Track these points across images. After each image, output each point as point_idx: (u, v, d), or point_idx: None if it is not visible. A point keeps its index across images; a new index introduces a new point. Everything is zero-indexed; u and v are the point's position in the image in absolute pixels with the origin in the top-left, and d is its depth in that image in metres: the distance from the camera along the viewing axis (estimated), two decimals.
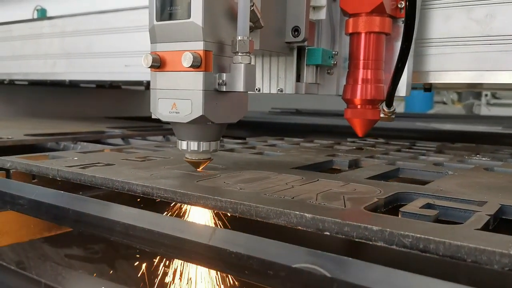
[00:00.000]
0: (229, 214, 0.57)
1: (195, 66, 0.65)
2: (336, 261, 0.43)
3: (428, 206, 0.57)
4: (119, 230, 0.59)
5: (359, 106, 0.96)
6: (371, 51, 0.93)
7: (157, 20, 0.68)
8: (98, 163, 0.83)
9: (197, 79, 0.66)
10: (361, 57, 0.93)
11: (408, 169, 0.88)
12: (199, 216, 0.76)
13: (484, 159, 1.02)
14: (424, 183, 0.77)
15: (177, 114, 0.69)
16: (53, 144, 1.24)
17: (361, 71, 0.94)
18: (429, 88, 1.25)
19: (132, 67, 1.57)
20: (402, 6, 0.93)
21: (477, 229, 0.47)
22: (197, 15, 0.64)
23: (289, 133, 1.64)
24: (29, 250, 1.40)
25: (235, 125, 0.77)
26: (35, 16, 2.06)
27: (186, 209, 0.77)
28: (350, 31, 0.94)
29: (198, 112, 0.67)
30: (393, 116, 0.97)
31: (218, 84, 0.68)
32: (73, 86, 2.46)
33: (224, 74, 0.68)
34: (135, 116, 2.56)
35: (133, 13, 1.56)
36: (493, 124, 2.52)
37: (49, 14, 2.05)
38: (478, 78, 0.96)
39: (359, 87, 0.94)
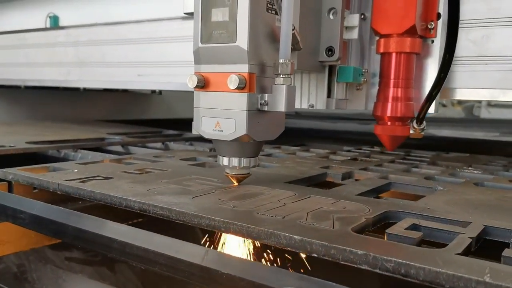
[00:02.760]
0: None
1: (240, 87, 0.69)
2: (322, 286, 0.46)
3: (414, 227, 0.59)
4: (116, 247, 0.61)
5: (389, 123, 0.99)
6: (401, 70, 0.96)
7: (202, 43, 0.72)
8: (98, 176, 0.86)
9: (241, 100, 0.70)
10: (392, 76, 0.96)
11: (399, 184, 0.90)
12: None
13: (475, 172, 1.04)
14: (414, 198, 0.79)
15: (221, 132, 0.73)
16: (54, 152, 1.27)
17: (391, 89, 0.97)
18: None
19: (144, 77, 1.60)
20: (432, 27, 0.96)
21: (458, 254, 0.50)
22: (242, 40, 0.68)
23: (287, 137, 1.67)
24: (30, 253, 1.43)
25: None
26: (48, 23, 2.10)
27: None
28: (382, 50, 0.97)
29: (241, 131, 0.71)
30: (423, 133, 1.00)
31: (260, 104, 0.71)
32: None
33: (266, 95, 0.71)
34: (138, 119, 2.59)
35: (147, 25, 1.60)
36: (490, 129, 2.54)
37: (61, 21, 2.09)
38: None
39: (389, 104, 0.97)
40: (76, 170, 0.91)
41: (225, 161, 0.77)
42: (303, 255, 0.73)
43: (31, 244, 0.98)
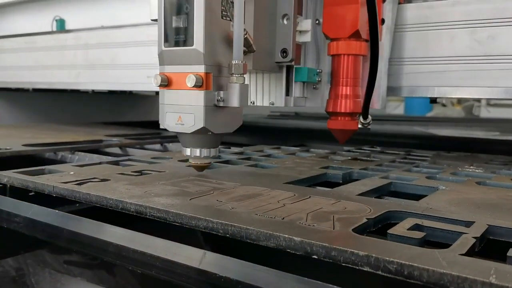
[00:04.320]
0: None
1: (198, 86, 0.76)
2: None
3: (416, 227, 0.58)
4: (112, 251, 0.60)
5: (339, 118, 1.10)
6: (349, 70, 1.06)
7: (164, 47, 0.79)
8: (94, 178, 0.84)
9: (199, 96, 0.77)
10: (341, 76, 1.07)
11: (400, 183, 0.89)
12: None
13: (477, 170, 1.03)
14: (416, 198, 0.78)
15: (182, 125, 0.80)
16: (51, 154, 1.25)
17: (341, 87, 1.07)
18: (434, 100, 1.28)
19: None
20: None
21: (462, 254, 0.48)
22: (199, 43, 0.75)
23: (287, 138, 1.65)
24: (28, 256, 1.41)
25: (235, 131, 0.86)
26: (54, 27, 2.10)
27: None
28: (332, 53, 1.08)
29: (200, 124, 0.78)
30: (369, 127, 1.10)
31: (217, 100, 0.78)
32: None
33: (222, 92, 0.78)
34: (140, 121, 2.57)
35: (155, 28, 1.60)
36: (490, 129, 2.53)
37: (67, 25, 2.10)
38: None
39: (339, 101, 1.08)
40: (72, 172, 0.90)
41: (188, 151, 0.84)
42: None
43: (26, 248, 0.97)
